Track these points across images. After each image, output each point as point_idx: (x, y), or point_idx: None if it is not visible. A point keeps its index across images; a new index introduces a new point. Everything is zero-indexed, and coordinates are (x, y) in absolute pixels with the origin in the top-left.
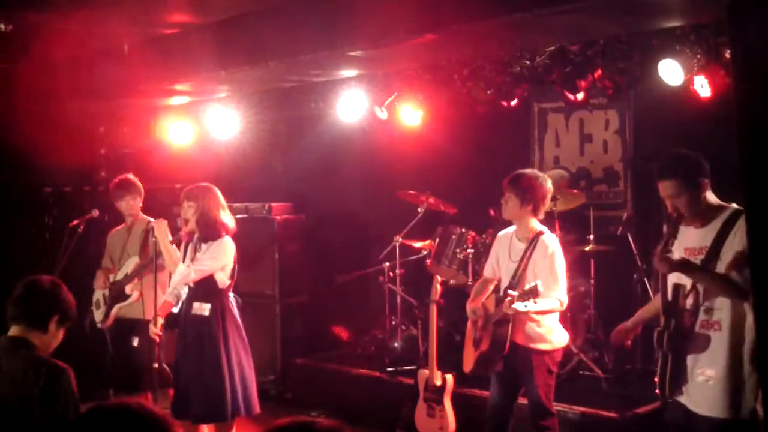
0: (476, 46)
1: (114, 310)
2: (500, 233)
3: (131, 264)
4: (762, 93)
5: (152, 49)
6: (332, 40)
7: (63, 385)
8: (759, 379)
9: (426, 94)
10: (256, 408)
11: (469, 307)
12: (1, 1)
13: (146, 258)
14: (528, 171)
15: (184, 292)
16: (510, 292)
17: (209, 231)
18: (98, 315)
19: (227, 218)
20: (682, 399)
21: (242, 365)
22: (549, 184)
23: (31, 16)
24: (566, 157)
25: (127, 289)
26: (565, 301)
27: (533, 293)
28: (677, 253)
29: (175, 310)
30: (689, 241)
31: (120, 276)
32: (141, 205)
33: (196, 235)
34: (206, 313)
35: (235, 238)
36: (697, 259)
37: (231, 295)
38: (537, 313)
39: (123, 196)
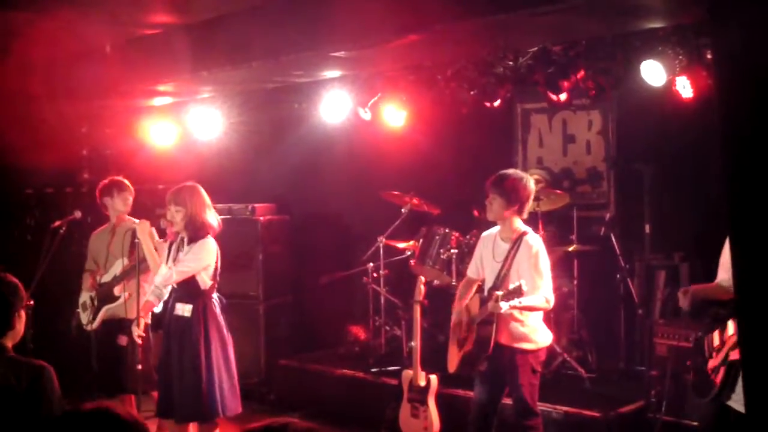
0: (459, 47)
1: (102, 312)
2: (484, 234)
3: (119, 265)
4: (743, 95)
5: (134, 49)
6: (315, 41)
7: (46, 383)
8: (742, 376)
9: (409, 94)
10: (238, 408)
11: (455, 307)
12: None
13: (135, 259)
14: (511, 172)
15: (167, 291)
16: (496, 293)
17: (196, 233)
18: (85, 317)
19: (213, 218)
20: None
21: (222, 366)
22: (532, 185)
23: (12, 16)
24: (549, 157)
25: (116, 290)
26: (552, 299)
27: (517, 293)
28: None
29: (157, 310)
30: None
31: (108, 278)
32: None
33: (180, 236)
34: (188, 314)
35: (219, 239)
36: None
37: (215, 296)
38: (524, 309)
39: (119, 193)
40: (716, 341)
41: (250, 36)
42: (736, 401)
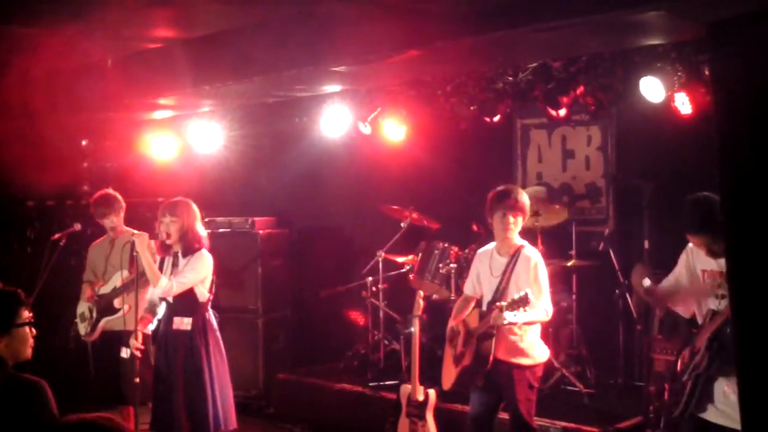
0: (459, 63)
1: (101, 324)
2: (480, 250)
3: (119, 277)
4: (740, 112)
5: (136, 63)
6: (316, 56)
7: (38, 399)
8: (737, 383)
9: (409, 109)
10: (234, 423)
11: (450, 325)
12: None
13: (135, 272)
14: (516, 189)
15: (161, 309)
16: (499, 303)
17: (191, 245)
18: (83, 328)
19: (203, 231)
20: (711, 416)
21: (222, 379)
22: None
23: (14, 31)
24: (549, 172)
25: (116, 302)
26: (551, 311)
27: (523, 302)
28: (692, 273)
29: (151, 326)
30: (705, 263)
31: (107, 289)
32: (122, 219)
33: (175, 250)
34: (188, 327)
35: (218, 252)
36: (717, 282)
37: (210, 309)
38: (523, 324)
39: (107, 215)
40: (687, 358)
41: (252, 51)
42: (713, 413)
